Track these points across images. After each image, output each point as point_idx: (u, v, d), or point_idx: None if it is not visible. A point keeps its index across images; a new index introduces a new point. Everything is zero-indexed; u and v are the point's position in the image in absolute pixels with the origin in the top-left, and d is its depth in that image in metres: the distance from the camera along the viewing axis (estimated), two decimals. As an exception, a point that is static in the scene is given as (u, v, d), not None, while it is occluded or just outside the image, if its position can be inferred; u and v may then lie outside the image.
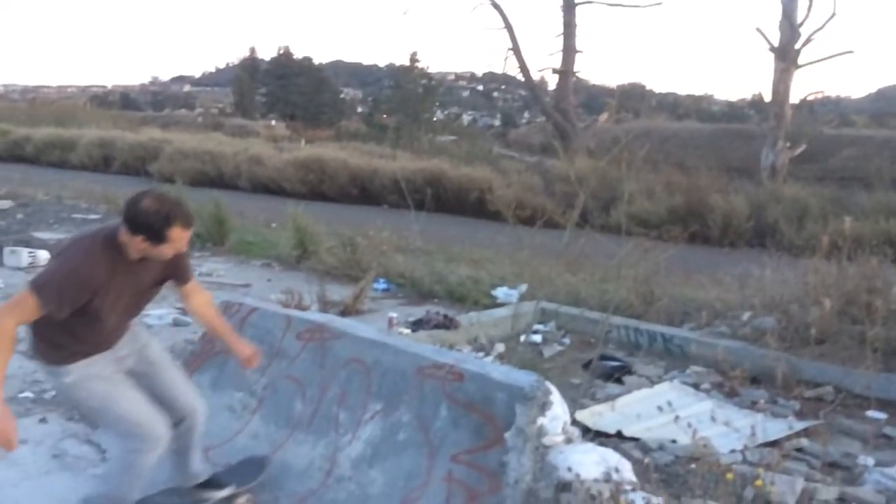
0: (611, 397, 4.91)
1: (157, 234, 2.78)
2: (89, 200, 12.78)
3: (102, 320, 2.90)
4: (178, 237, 2.84)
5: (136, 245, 2.81)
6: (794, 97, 20.86)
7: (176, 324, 6.36)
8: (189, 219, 2.86)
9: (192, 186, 14.68)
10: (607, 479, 2.95)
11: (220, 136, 29.68)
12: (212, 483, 3.34)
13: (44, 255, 8.43)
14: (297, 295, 6.70)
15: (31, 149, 28.55)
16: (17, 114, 37.97)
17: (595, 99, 46.47)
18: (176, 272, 3.13)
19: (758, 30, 20.39)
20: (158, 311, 6.64)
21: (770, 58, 20.36)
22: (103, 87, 78.84)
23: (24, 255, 8.25)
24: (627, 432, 4.17)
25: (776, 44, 20.14)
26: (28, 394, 4.60)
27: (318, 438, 3.67)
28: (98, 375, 2.98)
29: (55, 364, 2.98)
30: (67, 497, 3.49)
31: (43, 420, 4.27)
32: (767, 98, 21.46)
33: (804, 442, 4.08)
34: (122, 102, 63.99)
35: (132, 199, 2.81)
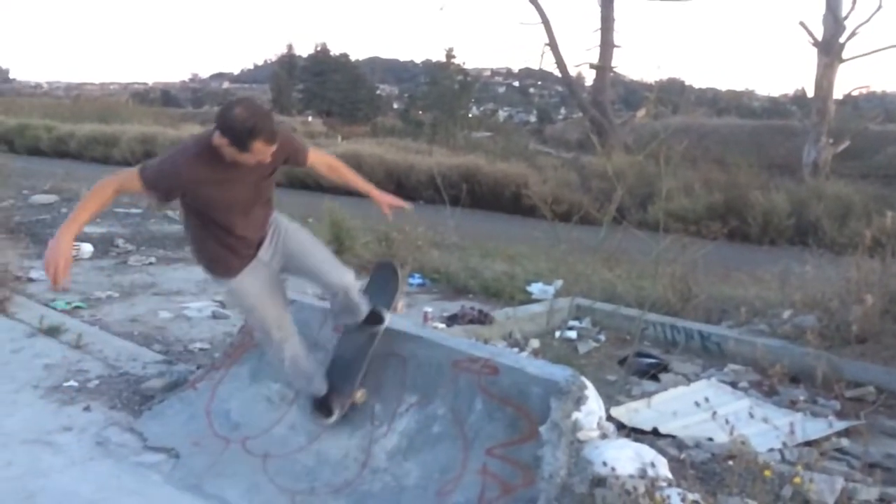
0: (646, 394, 4.87)
1: (241, 142, 2.94)
2: (131, 195, 13.01)
3: (229, 218, 3.18)
4: (260, 150, 2.99)
5: (224, 148, 2.97)
6: (838, 92, 20.49)
7: (215, 316, 6.46)
8: (273, 135, 3.01)
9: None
10: (642, 474, 2.94)
11: (258, 133, 29.94)
12: (372, 317, 3.71)
13: (87, 248, 8.62)
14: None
15: (74, 145, 29.16)
16: (61, 110, 38.81)
17: (633, 94, 46.02)
18: (288, 159, 3.32)
19: (801, 23, 19.98)
20: (198, 304, 6.76)
21: (813, 52, 19.97)
22: (144, 84, 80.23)
23: (68, 248, 8.43)
24: (663, 429, 4.14)
25: (820, 38, 19.73)
26: (73, 383, 4.72)
27: (354, 430, 3.71)
28: (250, 285, 3.35)
29: (218, 277, 3.38)
30: (110, 483, 3.58)
31: (87, 408, 4.38)
32: (810, 93, 21.06)
33: (844, 442, 4.01)
34: (163, 99, 65.03)
35: (227, 104, 3.06)
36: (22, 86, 76.90)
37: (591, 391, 3.29)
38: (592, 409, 3.27)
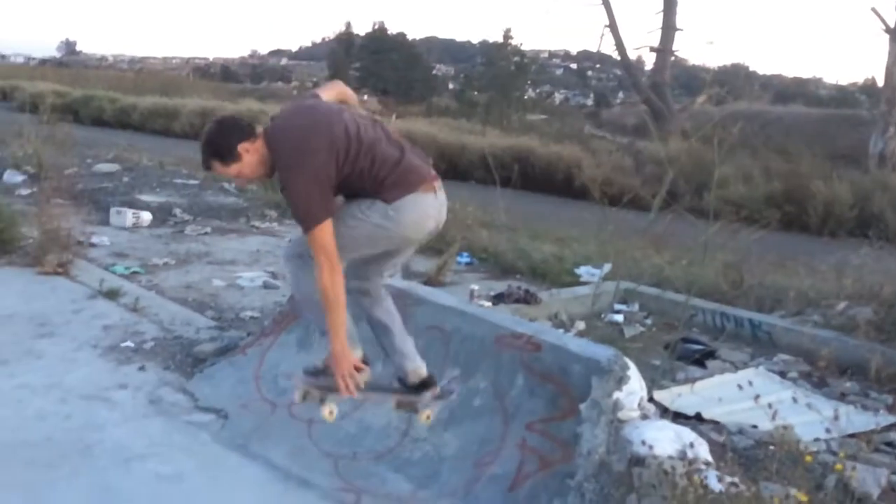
0: (691, 380, 4.81)
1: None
2: (189, 167, 13.31)
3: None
4: (217, 170, 3.00)
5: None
6: (909, 81, 19.62)
7: (266, 286, 6.60)
8: (204, 163, 3.00)
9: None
10: (682, 456, 2.94)
11: (314, 109, 30.23)
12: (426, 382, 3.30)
13: (147, 217, 8.87)
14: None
15: (136, 116, 29.85)
16: (124, 83, 39.70)
17: (694, 80, 44.95)
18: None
19: (872, 9, 19.25)
20: (250, 274, 6.91)
21: (885, 39, 19.22)
22: (205, 59, 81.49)
23: (128, 216, 8.69)
24: (707, 415, 4.09)
25: (892, 24, 18.98)
26: (129, 344, 4.89)
27: (397, 400, 3.77)
28: None
29: None
30: (162, 440, 3.72)
31: (142, 368, 4.54)
32: (880, 82, 20.29)
33: (894, 436, 3.92)
34: (223, 74, 66.00)
35: None
36: (88, 58, 79.02)
37: (633, 372, 3.29)
38: (634, 389, 3.27)
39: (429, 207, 2.97)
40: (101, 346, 4.85)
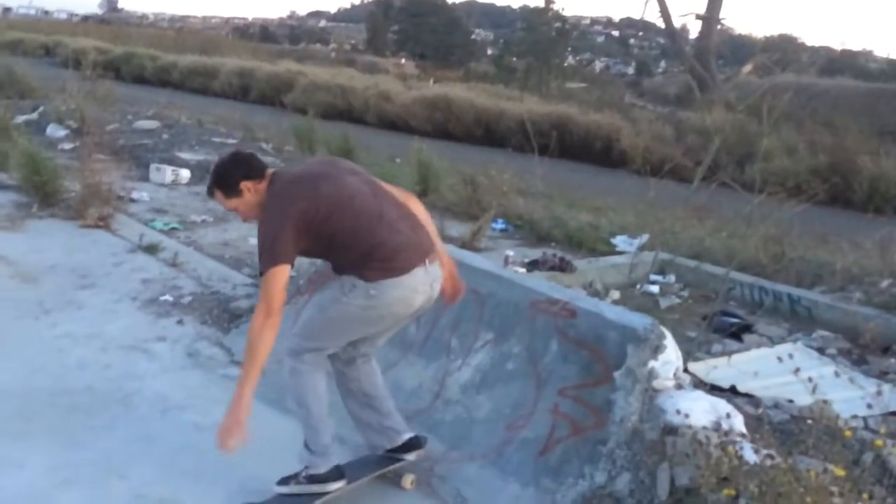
0: (727, 353, 4.76)
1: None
2: (227, 126, 13.39)
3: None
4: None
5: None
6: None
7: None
8: (208, 191, 2.99)
9: (323, 119, 15.06)
10: (717, 427, 2.90)
11: (351, 72, 30.22)
12: (411, 444, 3.19)
13: (185, 174, 8.96)
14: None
15: (176, 74, 30.04)
16: (165, 41, 39.91)
17: (739, 49, 43.90)
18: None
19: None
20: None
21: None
22: (244, 19, 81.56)
23: (167, 173, 8.78)
24: (742, 388, 4.04)
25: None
26: (168, 297, 4.97)
27: (430, 362, 3.79)
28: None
29: None
30: (199, 391, 3.79)
31: (180, 322, 4.62)
32: (935, 55, 19.56)
33: (936, 417, 3.84)
34: (262, 35, 65.97)
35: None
36: (129, 16, 79.61)
37: (669, 341, 3.25)
38: (670, 359, 3.23)
39: (417, 283, 2.83)
40: (140, 299, 4.93)
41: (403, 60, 48.41)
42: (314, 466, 2.94)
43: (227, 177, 2.88)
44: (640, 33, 66.08)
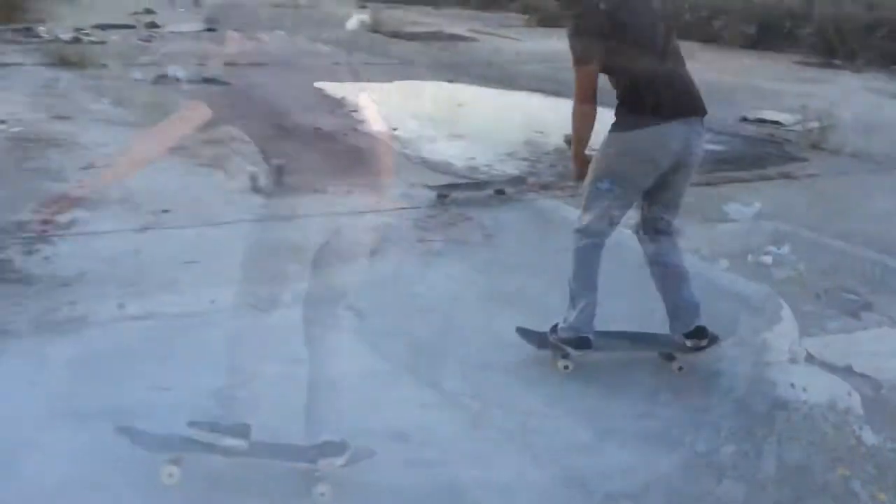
0: (844, 331, 4.52)
1: None
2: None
3: None
4: None
5: None
6: None
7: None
8: None
9: None
10: (832, 405, 2.77)
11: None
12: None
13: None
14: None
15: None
16: None
17: None
18: None
19: None
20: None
21: None
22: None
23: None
24: (858, 368, 3.85)
25: None
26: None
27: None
28: None
29: None
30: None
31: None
32: None
33: None
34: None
35: None
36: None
37: (786, 312, 3.12)
38: (785, 331, 3.10)
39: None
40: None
41: None
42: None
43: None
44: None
